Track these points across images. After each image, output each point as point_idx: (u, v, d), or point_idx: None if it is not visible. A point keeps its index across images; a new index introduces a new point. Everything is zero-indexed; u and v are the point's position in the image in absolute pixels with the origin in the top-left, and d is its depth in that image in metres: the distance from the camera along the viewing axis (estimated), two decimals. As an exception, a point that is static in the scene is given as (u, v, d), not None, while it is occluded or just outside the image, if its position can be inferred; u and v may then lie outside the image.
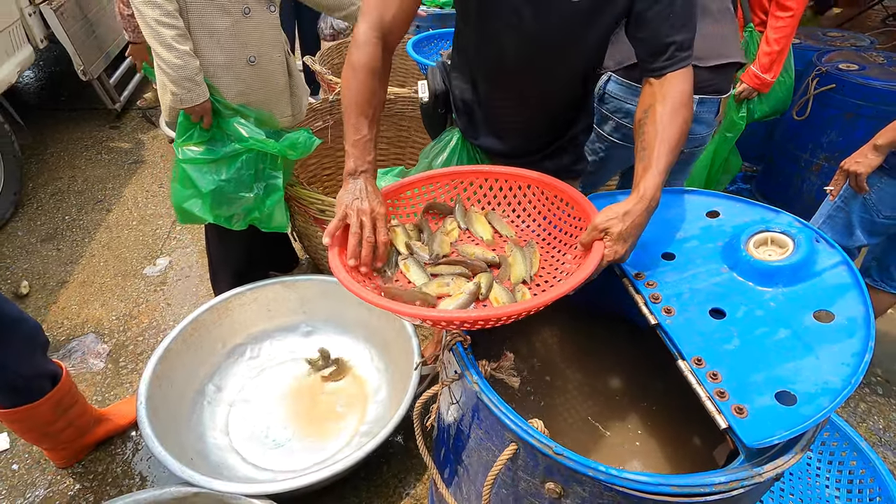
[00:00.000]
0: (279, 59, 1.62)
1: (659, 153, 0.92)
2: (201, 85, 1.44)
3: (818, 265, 0.89)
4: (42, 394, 1.40)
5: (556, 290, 0.82)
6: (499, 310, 0.82)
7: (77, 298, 2.23)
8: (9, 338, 1.30)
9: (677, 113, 0.96)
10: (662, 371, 1.02)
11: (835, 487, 1.35)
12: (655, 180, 0.90)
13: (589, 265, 0.85)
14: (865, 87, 2.38)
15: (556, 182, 1.05)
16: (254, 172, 1.62)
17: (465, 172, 1.12)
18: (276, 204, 1.67)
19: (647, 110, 0.99)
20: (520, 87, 1.18)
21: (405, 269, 0.98)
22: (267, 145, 1.57)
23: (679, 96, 0.98)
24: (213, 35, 1.46)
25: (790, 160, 2.78)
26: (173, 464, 1.31)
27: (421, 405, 0.98)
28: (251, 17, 1.50)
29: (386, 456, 1.66)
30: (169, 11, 1.33)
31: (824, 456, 1.40)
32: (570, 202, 1.02)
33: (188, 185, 1.57)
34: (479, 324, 0.81)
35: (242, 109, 1.57)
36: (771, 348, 0.81)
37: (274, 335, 1.89)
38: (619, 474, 0.70)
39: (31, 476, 1.60)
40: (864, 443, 1.34)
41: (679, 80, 1.00)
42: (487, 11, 1.07)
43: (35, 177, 2.98)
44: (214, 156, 1.55)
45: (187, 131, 1.53)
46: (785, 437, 0.71)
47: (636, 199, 0.90)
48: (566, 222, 1.04)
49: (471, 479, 0.97)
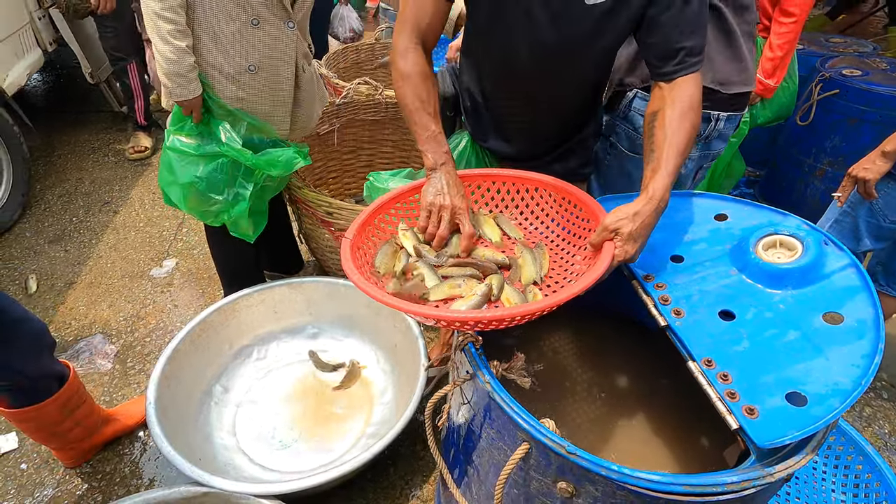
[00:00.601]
0: (286, 74, 1.59)
1: (668, 155, 0.94)
2: (193, 81, 1.44)
3: (827, 267, 0.90)
4: (49, 394, 1.41)
5: (567, 290, 0.83)
6: (512, 310, 0.83)
7: (84, 299, 2.24)
8: (15, 338, 1.31)
9: (685, 117, 0.98)
10: (671, 372, 1.03)
11: (841, 492, 1.35)
12: (664, 181, 0.92)
13: (601, 265, 0.86)
14: (869, 92, 2.39)
15: (563, 184, 1.06)
16: (227, 177, 1.58)
17: (473, 176, 1.13)
18: (240, 214, 1.63)
19: (656, 113, 1.00)
20: (529, 90, 1.19)
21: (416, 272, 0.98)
22: (242, 155, 1.53)
23: (688, 100, 0.99)
24: (215, 38, 1.46)
25: (794, 165, 2.79)
26: (183, 464, 1.32)
27: (432, 405, 0.99)
28: (260, 29, 1.49)
29: (393, 458, 1.66)
30: (171, 6, 1.33)
31: (830, 460, 1.40)
32: (579, 204, 1.03)
33: (169, 171, 1.57)
34: (493, 324, 0.82)
35: (237, 113, 1.55)
36: (781, 350, 0.82)
37: (280, 337, 1.90)
38: (632, 473, 0.71)
39: (39, 476, 1.61)
40: (869, 447, 1.34)
41: (688, 85, 1.01)
42: (499, 13, 1.07)
43: (43, 178, 3.00)
44: (197, 151, 1.54)
45: (180, 122, 1.53)
46: (796, 437, 0.72)
47: (645, 199, 0.91)
48: (574, 224, 1.04)
49: (481, 479, 0.98)
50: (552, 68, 1.12)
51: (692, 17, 1.00)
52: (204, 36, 1.44)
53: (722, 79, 1.43)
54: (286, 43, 1.55)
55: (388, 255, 1.00)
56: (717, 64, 1.43)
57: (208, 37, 1.45)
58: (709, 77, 1.41)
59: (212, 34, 1.45)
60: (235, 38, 1.47)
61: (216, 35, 1.45)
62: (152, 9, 1.32)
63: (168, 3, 1.32)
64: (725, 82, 1.44)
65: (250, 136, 1.60)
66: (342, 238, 0.95)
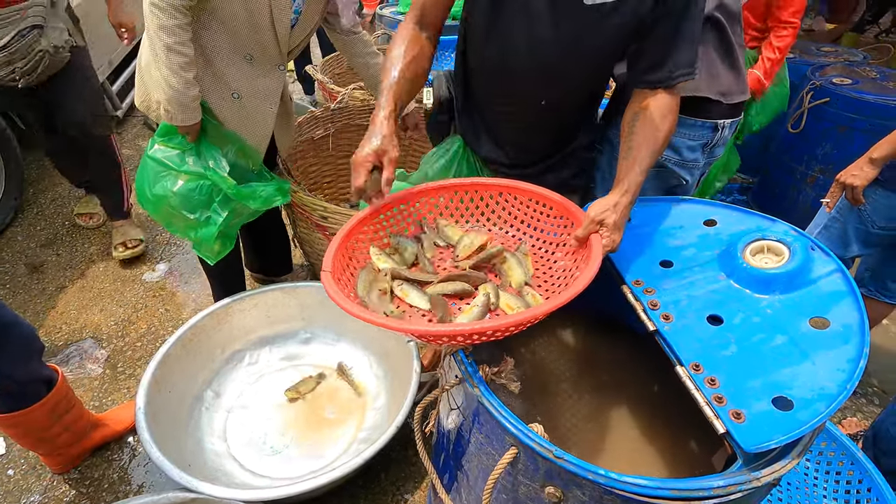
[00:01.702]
0: (267, 111, 1.62)
1: (643, 156, 0.98)
2: (195, 111, 1.45)
3: (813, 273, 0.91)
4: (38, 398, 1.40)
5: (573, 287, 0.81)
6: (533, 311, 0.79)
7: (76, 303, 2.23)
8: (4, 343, 1.30)
9: (665, 119, 1.03)
10: (661, 377, 1.03)
11: (832, 497, 1.35)
12: (639, 178, 0.96)
13: (596, 257, 0.87)
14: (858, 100, 2.42)
15: (527, 185, 1.06)
16: (205, 199, 1.56)
17: (431, 189, 1.09)
18: (208, 237, 1.60)
19: (637, 113, 1.04)
20: (524, 93, 1.19)
21: (403, 296, 0.95)
22: (224, 182, 1.52)
23: (668, 107, 1.04)
24: (209, 64, 1.48)
25: (786, 172, 2.81)
26: (172, 469, 1.30)
27: (420, 410, 0.98)
28: (252, 64, 1.52)
29: (384, 463, 1.65)
30: (184, 41, 1.35)
31: (822, 466, 1.40)
32: (547, 202, 1.03)
33: (143, 178, 1.55)
34: (510, 329, 0.80)
35: (229, 135, 1.56)
36: (768, 354, 0.82)
37: (273, 341, 1.89)
38: (618, 478, 0.71)
39: (26, 482, 1.59)
40: (860, 452, 1.35)
41: (670, 93, 1.05)
42: (497, 9, 1.08)
43: (36, 182, 2.99)
44: (179, 167, 1.52)
45: (168, 133, 1.52)
46: (782, 441, 0.72)
47: (622, 192, 0.94)
48: (546, 222, 1.04)
49: (471, 484, 0.98)
50: (548, 69, 1.12)
51: (687, 33, 1.02)
52: (199, 55, 1.46)
53: (724, 90, 1.48)
54: (273, 81, 1.59)
55: (369, 283, 0.96)
56: (721, 77, 1.48)
57: (202, 59, 1.47)
58: (714, 89, 1.46)
59: (206, 60, 1.48)
60: (226, 67, 1.50)
61: (209, 63, 1.48)
62: (165, 43, 1.33)
63: (181, 38, 1.34)
64: (727, 93, 1.49)
65: (235, 161, 1.59)
66: (321, 272, 0.91)
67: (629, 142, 1.01)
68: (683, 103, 1.41)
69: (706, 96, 1.46)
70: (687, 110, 1.43)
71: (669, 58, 1.03)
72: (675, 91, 1.06)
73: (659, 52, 1.03)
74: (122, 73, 3.48)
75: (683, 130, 1.48)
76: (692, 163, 1.52)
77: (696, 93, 1.44)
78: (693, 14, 1.01)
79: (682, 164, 1.51)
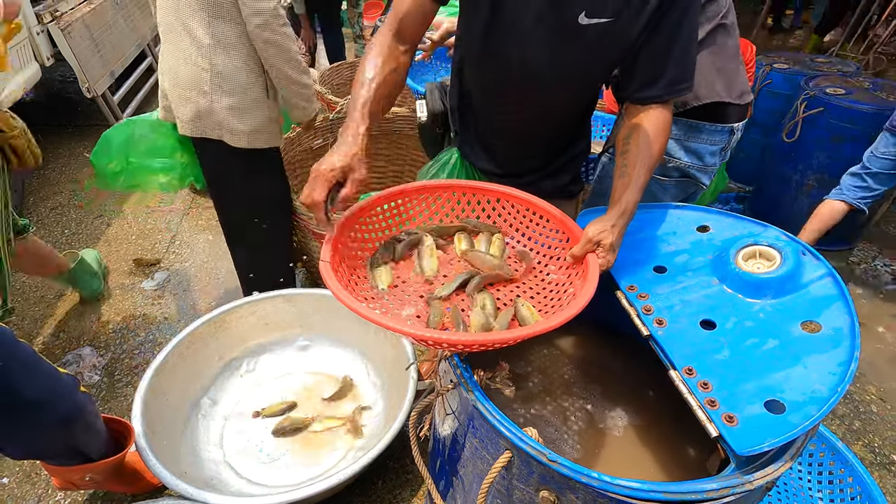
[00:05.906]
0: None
1: (639, 173, 0.98)
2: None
3: (805, 277, 0.92)
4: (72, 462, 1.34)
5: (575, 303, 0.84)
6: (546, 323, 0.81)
7: (74, 311, 2.23)
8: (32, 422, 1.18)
9: (660, 136, 1.03)
10: (655, 381, 1.03)
11: (828, 500, 1.35)
12: (636, 196, 0.96)
13: (593, 276, 0.89)
14: (852, 110, 2.45)
15: (526, 195, 1.07)
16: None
17: (430, 188, 1.10)
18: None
19: (633, 129, 1.04)
20: (519, 111, 1.20)
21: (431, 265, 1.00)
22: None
23: (662, 123, 1.04)
24: None
25: (781, 181, 2.83)
26: (167, 477, 1.30)
27: (416, 416, 0.99)
28: None
29: (380, 471, 1.65)
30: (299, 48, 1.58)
31: (814, 468, 1.41)
32: (543, 214, 1.04)
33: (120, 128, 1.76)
34: (508, 342, 0.81)
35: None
36: (760, 358, 0.83)
37: (271, 349, 1.89)
38: (612, 481, 0.71)
39: (21, 490, 1.58)
40: (852, 456, 1.35)
41: (663, 109, 1.05)
42: (495, 22, 1.07)
43: (36, 191, 3.00)
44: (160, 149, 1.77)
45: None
46: (775, 444, 0.72)
47: (619, 212, 0.95)
48: (540, 234, 1.05)
49: (466, 489, 0.97)
50: (544, 87, 1.12)
51: (680, 51, 1.02)
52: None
53: (739, 91, 1.48)
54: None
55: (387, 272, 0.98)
56: (738, 81, 1.48)
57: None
58: (733, 93, 1.45)
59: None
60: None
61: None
62: (295, 50, 1.57)
63: (298, 45, 1.56)
64: (743, 93, 1.49)
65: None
66: (320, 262, 0.90)
67: (624, 159, 1.01)
68: (705, 110, 1.43)
69: (726, 101, 1.46)
70: (708, 117, 1.45)
71: (663, 74, 1.03)
72: (668, 106, 1.06)
73: (652, 69, 1.03)
74: (123, 84, 3.51)
75: (705, 136, 1.49)
76: (712, 167, 1.54)
77: (718, 98, 1.44)
78: (686, 32, 1.01)
79: (704, 169, 1.53)
